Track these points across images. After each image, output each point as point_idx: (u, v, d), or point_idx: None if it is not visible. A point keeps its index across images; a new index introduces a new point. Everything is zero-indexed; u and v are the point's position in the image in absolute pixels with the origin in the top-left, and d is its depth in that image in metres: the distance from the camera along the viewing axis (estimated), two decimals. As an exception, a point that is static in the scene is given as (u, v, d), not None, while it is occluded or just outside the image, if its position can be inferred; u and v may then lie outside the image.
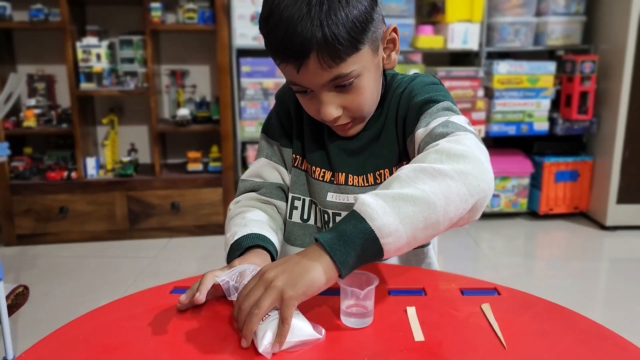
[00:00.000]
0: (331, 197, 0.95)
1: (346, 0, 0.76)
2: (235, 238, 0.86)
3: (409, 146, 0.87)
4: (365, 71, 0.83)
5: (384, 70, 0.93)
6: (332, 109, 0.83)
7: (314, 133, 0.98)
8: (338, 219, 0.95)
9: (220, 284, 0.71)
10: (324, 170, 0.96)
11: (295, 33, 0.76)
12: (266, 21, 0.81)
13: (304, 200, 0.99)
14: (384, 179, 0.89)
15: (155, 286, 0.80)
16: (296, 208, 1.00)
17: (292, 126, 1.00)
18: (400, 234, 0.62)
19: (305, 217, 0.99)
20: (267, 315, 0.64)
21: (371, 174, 0.93)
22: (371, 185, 0.94)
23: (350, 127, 0.90)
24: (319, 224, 0.99)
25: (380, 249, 0.63)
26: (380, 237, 0.62)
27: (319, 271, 0.63)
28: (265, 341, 0.61)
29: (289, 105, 1.00)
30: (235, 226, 0.90)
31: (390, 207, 0.62)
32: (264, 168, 1.01)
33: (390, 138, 0.92)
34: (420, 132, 0.79)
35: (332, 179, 0.96)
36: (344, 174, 0.95)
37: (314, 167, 0.97)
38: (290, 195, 1.00)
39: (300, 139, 1.00)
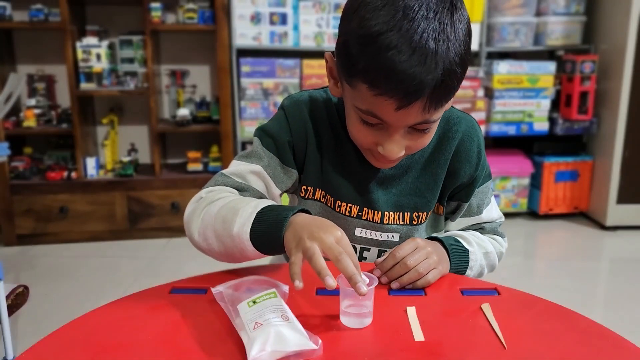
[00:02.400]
0: (360, 232, 0.91)
1: (459, 34, 0.69)
2: (263, 206, 0.74)
3: (455, 191, 0.94)
4: (440, 117, 0.78)
5: None
6: (398, 149, 0.76)
7: (336, 161, 0.89)
8: (366, 253, 0.93)
9: (214, 293, 0.71)
10: (351, 205, 0.89)
11: (418, 72, 0.66)
12: (377, 39, 0.66)
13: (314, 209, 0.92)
14: (421, 221, 0.93)
15: (155, 286, 0.80)
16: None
17: (304, 150, 0.89)
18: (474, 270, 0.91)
19: None
20: (258, 324, 0.62)
21: (408, 213, 0.91)
22: (406, 224, 0.92)
23: (397, 161, 0.84)
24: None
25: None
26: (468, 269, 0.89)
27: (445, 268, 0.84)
28: (254, 351, 0.59)
29: (307, 127, 0.89)
30: (242, 203, 0.77)
31: (478, 266, 0.92)
32: (252, 175, 0.88)
33: (435, 176, 0.90)
34: (483, 216, 0.97)
35: (360, 214, 0.90)
36: (379, 212, 0.90)
37: (339, 202, 0.90)
38: (295, 198, 0.96)
39: (315, 167, 0.90)
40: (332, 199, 0.90)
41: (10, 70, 2.80)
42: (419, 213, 0.91)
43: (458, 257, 0.86)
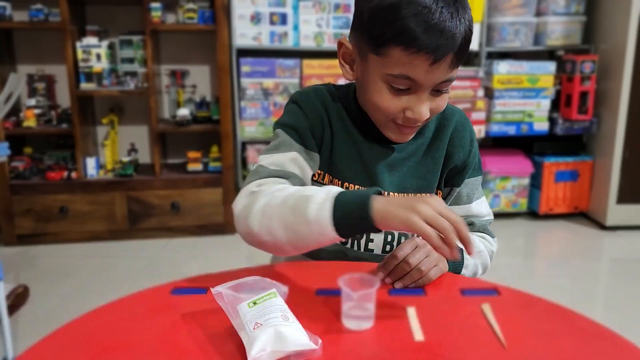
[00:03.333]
0: None
1: (467, 4, 0.82)
2: (338, 192, 0.75)
3: (449, 176, 1.00)
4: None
5: None
6: (427, 110, 0.84)
7: (346, 146, 0.95)
8: (373, 236, 0.96)
9: (213, 293, 0.71)
10: (358, 187, 0.94)
11: (446, 29, 0.77)
12: (400, 7, 0.77)
13: None
14: None
15: (155, 286, 0.80)
16: None
17: (321, 135, 0.94)
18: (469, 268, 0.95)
19: None
20: (258, 325, 0.62)
21: (411, 195, 0.96)
22: None
23: (416, 130, 0.91)
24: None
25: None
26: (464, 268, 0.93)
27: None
28: (254, 351, 0.59)
29: (321, 114, 0.94)
30: (308, 190, 0.78)
31: (472, 266, 0.96)
32: (290, 163, 0.90)
33: (434, 160, 0.97)
34: (472, 208, 1.00)
35: None
36: (384, 193, 0.91)
37: (347, 184, 0.94)
38: None
39: (327, 153, 0.95)
40: (339, 182, 0.95)
41: (10, 70, 2.80)
42: (422, 195, 0.96)
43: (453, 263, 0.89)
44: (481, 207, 1.02)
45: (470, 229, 1.00)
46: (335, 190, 0.76)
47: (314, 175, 0.95)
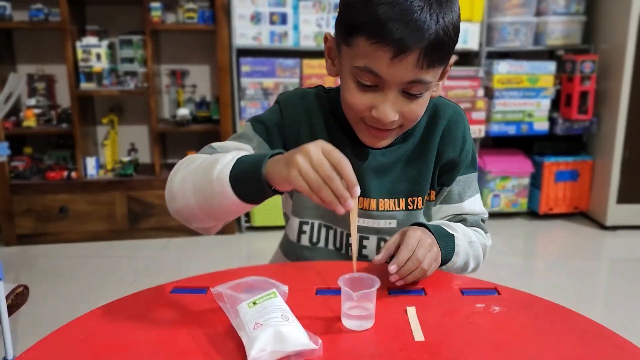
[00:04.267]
0: (358, 221, 0.92)
1: (452, 6, 0.77)
2: (245, 153, 0.74)
3: (439, 175, 0.96)
4: (431, 88, 0.82)
5: None
6: (392, 111, 0.80)
7: None
8: (366, 242, 0.95)
9: (213, 293, 0.71)
10: None
11: (412, 19, 0.72)
12: None
13: (312, 224, 0.96)
14: (417, 207, 0.94)
15: (155, 286, 0.80)
16: (304, 232, 0.96)
17: (296, 140, 0.92)
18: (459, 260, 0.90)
19: (315, 240, 0.97)
20: (258, 325, 0.62)
21: (403, 199, 0.93)
22: (403, 210, 0.94)
23: (388, 136, 0.86)
24: (330, 247, 0.96)
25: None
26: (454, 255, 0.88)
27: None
28: (254, 351, 0.59)
29: (301, 118, 0.92)
30: (223, 155, 0.75)
31: (463, 253, 0.90)
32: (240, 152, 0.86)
33: (425, 161, 0.92)
34: (465, 206, 0.97)
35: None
36: (374, 200, 0.92)
37: None
38: (296, 219, 0.97)
39: None
40: None
41: (10, 70, 2.80)
42: (414, 198, 0.94)
43: (445, 242, 0.85)
44: (474, 205, 0.99)
45: (463, 224, 0.97)
46: (243, 152, 0.74)
47: None
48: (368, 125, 0.84)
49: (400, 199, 0.94)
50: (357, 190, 0.66)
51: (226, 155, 0.74)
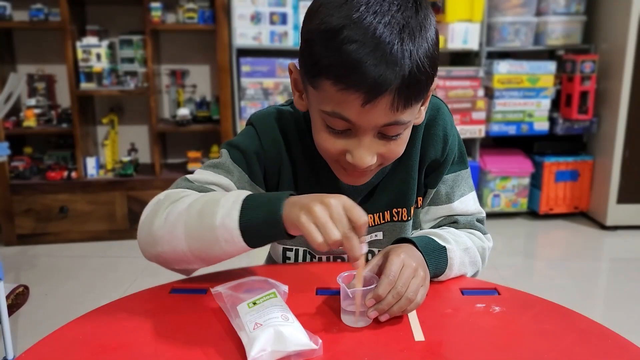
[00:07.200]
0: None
1: (427, 35, 0.68)
2: (246, 194, 0.69)
3: (424, 178, 0.90)
4: (410, 125, 0.75)
5: None
6: (369, 156, 0.72)
7: (309, 174, 0.86)
8: None
9: (213, 294, 0.71)
10: None
11: (383, 60, 0.64)
12: (339, 33, 0.65)
13: (297, 250, 0.93)
14: (401, 219, 0.90)
15: (155, 286, 0.81)
16: (289, 258, 0.94)
17: (278, 166, 0.86)
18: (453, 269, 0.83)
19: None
20: (258, 325, 0.62)
21: (388, 211, 0.89)
22: (387, 222, 0.90)
23: (367, 175, 0.79)
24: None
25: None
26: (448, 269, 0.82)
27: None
28: (254, 351, 0.59)
29: (278, 141, 0.85)
30: (219, 195, 0.71)
31: (458, 265, 0.83)
32: (218, 188, 0.81)
33: (407, 167, 0.87)
34: (455, 206, 0.91)
35: None
36: None
37: None
38: (279, 246, 0.93)
39: (288, 183, 0.87)
40: None
41: (10, 70, 2.79)
42: (398, 209, 0.90)
43: (435, 257, 0.79)
44: (467, 204, 0.92)
45: (454, 227, 0.91)
46: (246, 193, 0.70)
47: None
48: (344, 167, 0.77)
49: (385, 212, 0.89)
50: (365, 248, 0.64)
51: (226, 197, 0.70)
